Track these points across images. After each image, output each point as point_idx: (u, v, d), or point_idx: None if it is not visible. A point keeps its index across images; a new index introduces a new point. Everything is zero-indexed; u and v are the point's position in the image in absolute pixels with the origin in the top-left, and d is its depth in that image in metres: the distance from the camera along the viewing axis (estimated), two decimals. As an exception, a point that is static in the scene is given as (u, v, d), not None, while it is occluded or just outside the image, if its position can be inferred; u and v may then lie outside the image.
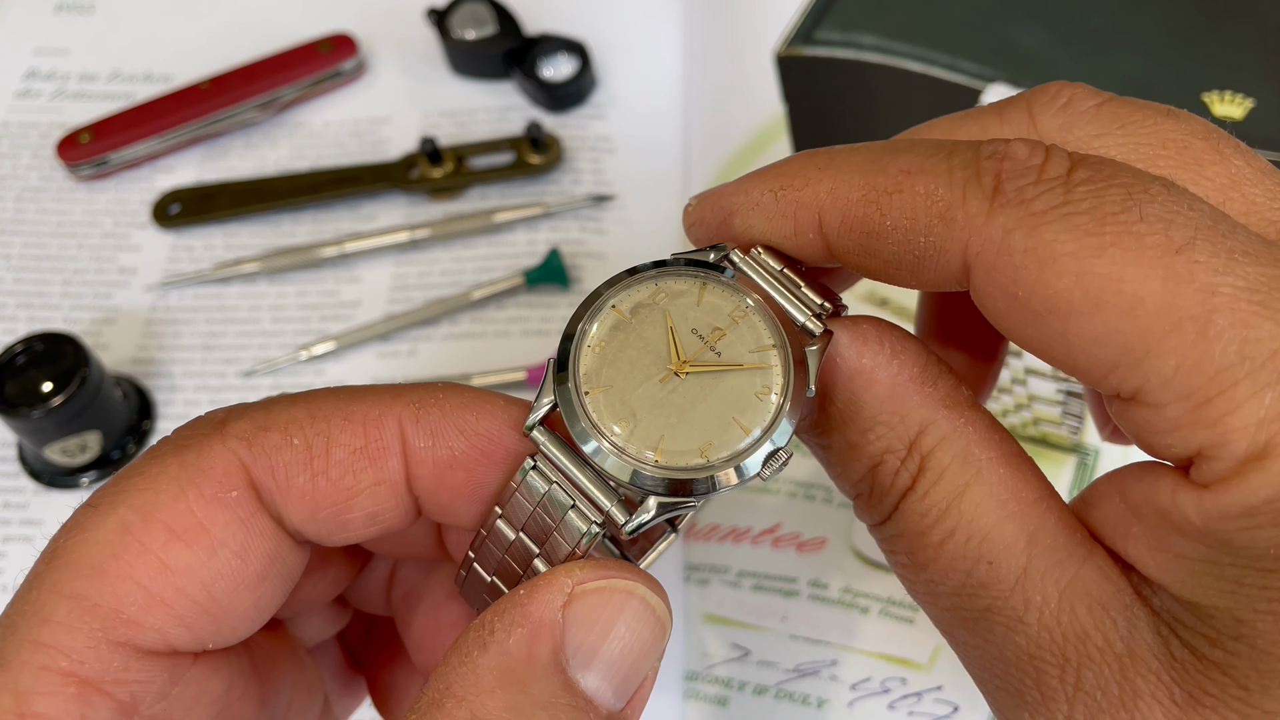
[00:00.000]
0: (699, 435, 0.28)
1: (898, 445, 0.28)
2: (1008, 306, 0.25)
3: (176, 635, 0.27)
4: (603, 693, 0.26)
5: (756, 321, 0.29)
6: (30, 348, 0.55)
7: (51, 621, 0.26)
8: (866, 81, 0.70)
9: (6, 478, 0.60)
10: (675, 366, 0.29)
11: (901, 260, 0.27)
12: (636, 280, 0.30)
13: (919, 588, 0.28)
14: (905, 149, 0.28)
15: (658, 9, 0.76)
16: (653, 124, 0.71)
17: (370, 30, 0.76)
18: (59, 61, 0.76)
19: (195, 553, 0.27)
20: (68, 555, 0.27)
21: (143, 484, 0.28)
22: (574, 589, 0.27)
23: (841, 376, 0.28)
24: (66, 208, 0.70)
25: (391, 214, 0.69)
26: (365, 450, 0.29)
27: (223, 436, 0.29)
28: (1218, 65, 0.68)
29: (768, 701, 0.51)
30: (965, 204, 0.26)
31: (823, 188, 0.29)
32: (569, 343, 0.29)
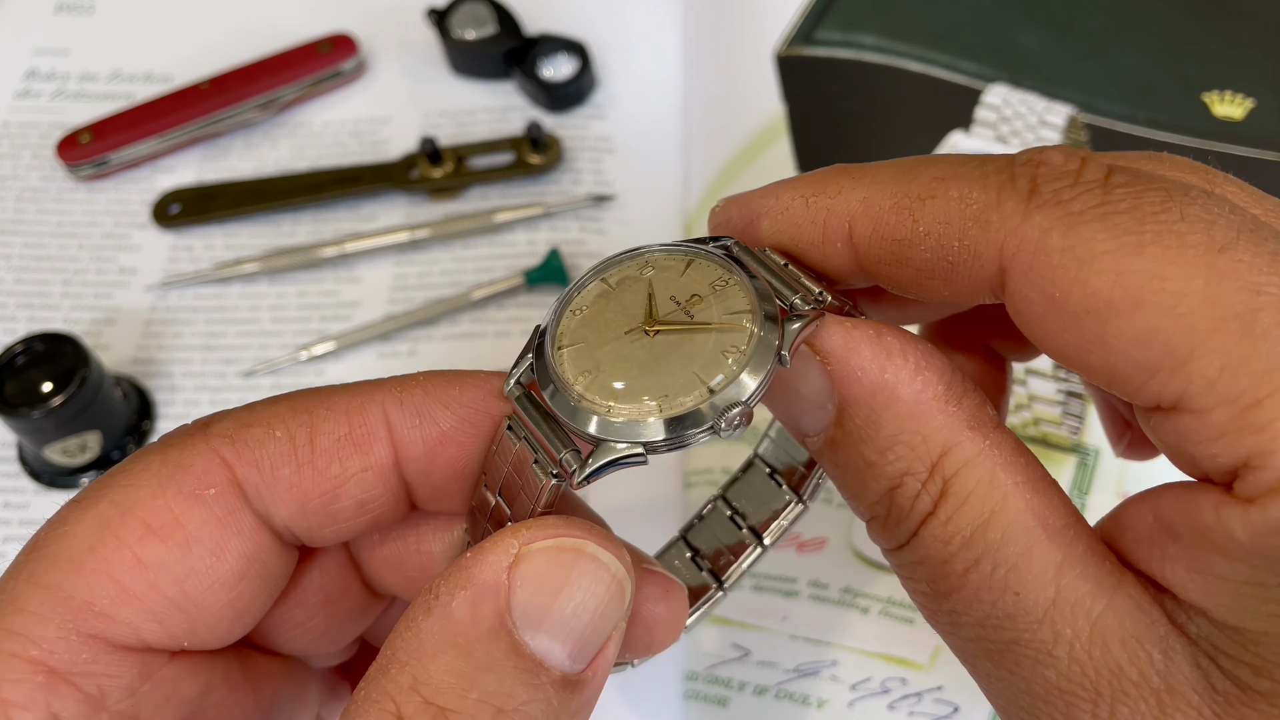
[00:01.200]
0: (657, 387, 0.28)
1: (919, 467, 0.26)
2: (1044, 309, 0.25)
3: (149, 631, 0.28)
4: (554, 654, 0.26)
5: (736, 290, 0.29)
6: (30, 348, 0.55)
7: (25, 611, 0.26)
8: (866, 81, 0.70)
9: (6, 478, 0.60)
10: (645, 324, 0.29)
11: (934, 267, 0.27)
12: (628, 258, 0.31)
13: (940, 617, 0.27)
14: (938, 160, 0.28)
15: (658, 9, 0.76)
16: (653, 124, 0.71)
17: (370, 30, 0.76)
18: (59, 61, 0.76)
19: (170, 549, 0.28)
20: (46, 548, 0.27)
21: (124, 480, 0.28)
22: (521, 549, 0.26)
23: (861, 390, 0.27)
24: (66, 208, 0.70)
25: (391, 214, 0.69)
26: (350, 437, 0.29)
27: (206, 435, 0.29)
28: (1218, 65, 0.68)
29: (768, 701, 0.51)
30: (1000, 206, 0.25)
31: (855, 196, 0.28)
32: (554, 311, 0.30)
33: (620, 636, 0.28)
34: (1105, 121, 0.66)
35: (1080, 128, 0.66)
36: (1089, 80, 0.68)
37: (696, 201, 0.68)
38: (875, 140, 0.68)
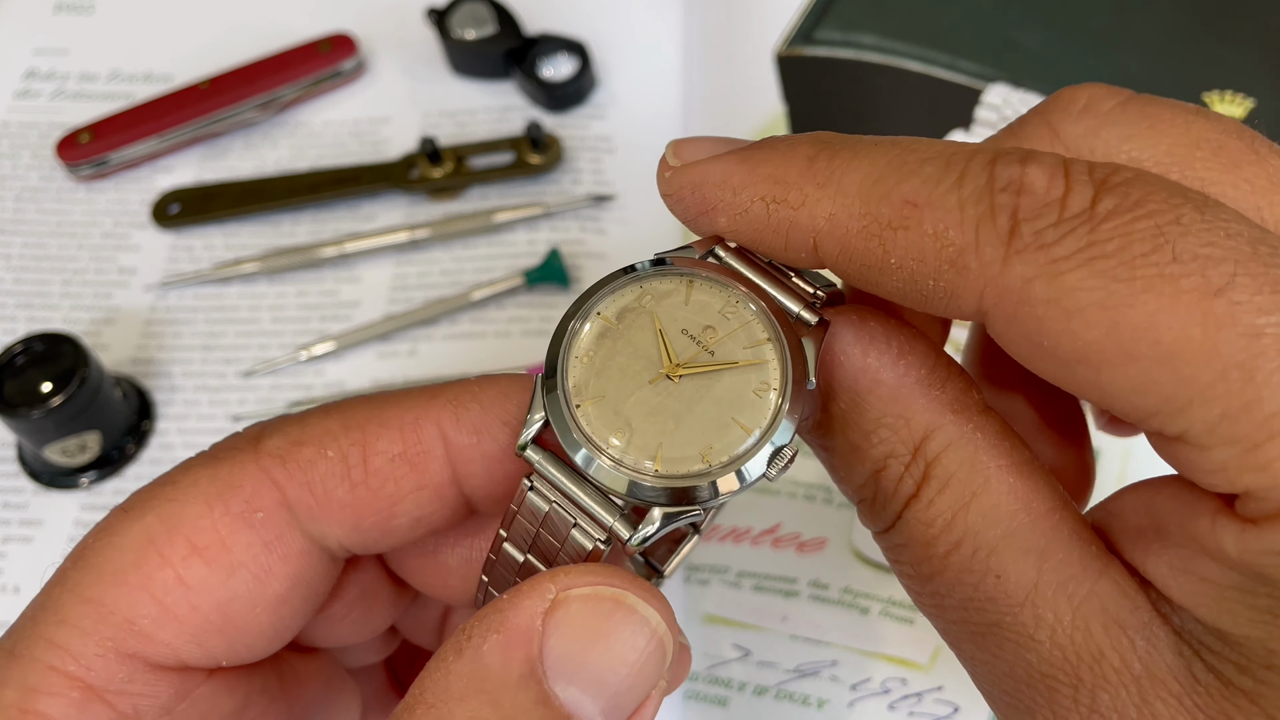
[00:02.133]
0: (698, 440, 0.27)
1: (901, 450, 0.26)
2: (1031, 353, 0.24)
3: (188, 652, 0.27)
4: (585, 708, 0.25)
5: (748, 316, 0.28)
6: (30, 348, 0.55)
7: (67, 623, 0.26)
8: (866, 81, 0.70)
9: (6, 478, 0.60)
10: (668, 370, 0.27)
11: (907, 295, 0.26)
12: (620, 285, 0.29)
13: (924, 599, 0.27)
14: (913, 168, 0.25)
15: (658, 9, 0.76)
16: (653, 124, 0.71)
17: (370, 30, 0.76)
18: (59, 61, 0.76)
19: (213, 571, 0.27)
20: (93, 557, 0.27)
21: (173, 494, 0.28)
22: (558, 595, 0.25)
23: (845, 375, 0.27)
24: (66, 208, 0.70)
25: (391, 214, 0.69)
26: (405, 456, 0.28)
27: (256, 454, 0.28)
28: (1218, 65, 0.68)
29: (768, 702, 0.51)
30: (979, 250, 0.24)
31: (820, 211, 0.26)
32: (555, 355, 0.28)
33: (660, 697, 0.26)
34: (1105, 121, 0.66)
35: (1080, 128, 0.66)
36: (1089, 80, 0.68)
37: (696, 201, 0.68)
38: (875, 140, 0.68)
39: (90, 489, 0.59)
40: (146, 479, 0.59)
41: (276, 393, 0.62)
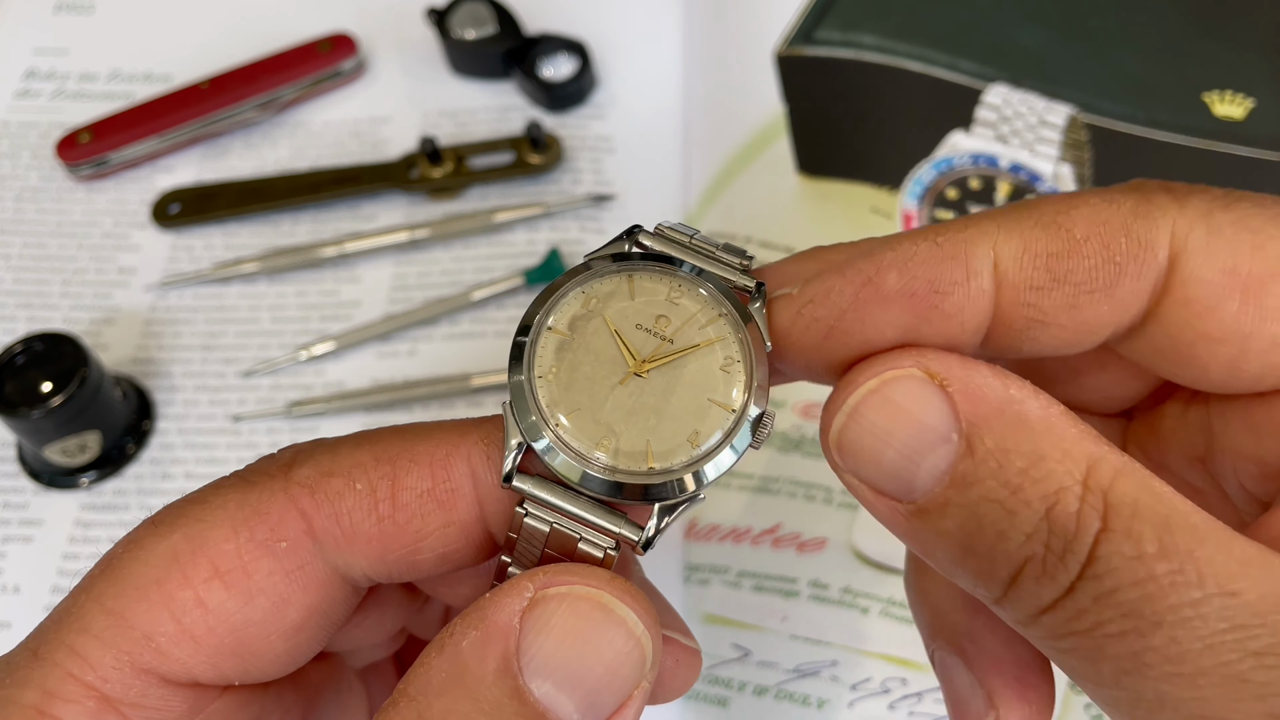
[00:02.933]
0: (682, 428, 0.27)
1: (1070, 481, 0.23)
2: (1223, 289, 0.24)
3: (201, 671, 0.27)
4: (560, 705, 0.25)
5: (694, 293, 0.29)
6: (30, 348, 0.55)
7: (88, 632, 0.26)
8: (866, 81, 0.70)
9: (6, 478, 0.60)
10: (635, 368, 0.28)
11: (1098, 274, 0.25)
12: (561, 294, 0.29)
13: (1151, 659, 0.22)
14: (1043, 197, 0.28)
15: (658, 9, 0.76)
16: (653, 124, 0.71)
17: (370, 30, 0.76)
18: (58, 61, 0.76)
19: (232, 595, 0.27)
20: (119, 569, 0.27)
21: (201, 514, 0.28)
22: (536, 593, 0.26)
23: (989, 410, 0.24)
24: (66, 208, 0.70)
25: (391, 214, 0.69)
26: (433, 493, 0.28)
27: (286, 481, 0.28)
28: (1218, 65, 0.68)
29: (768, 702, 0.51)
30: (1151, 200, 0.25)
31: (987, 225, 0.26)
32: (519, 378, 0.28)
33: (643, 699, 0.27)
34: (1105, 121, 0.66)
35: (1080, 128, 0.66)
36: (1089, 80, 0.68)
37: (696, 201, 0.68)
38: (875, 140, 0.68)
39: (90, 489, 0.59)
40: (146, 478, 0.60)
41: (276, 393, 0.62)
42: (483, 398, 0.61)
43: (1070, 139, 0.66)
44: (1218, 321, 0.25)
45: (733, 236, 0.65)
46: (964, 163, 0.66)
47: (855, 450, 0.26)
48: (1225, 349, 0.26)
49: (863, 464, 0.26)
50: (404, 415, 0.61)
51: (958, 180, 0.66)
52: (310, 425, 0.61)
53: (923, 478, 0.25)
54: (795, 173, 0.68)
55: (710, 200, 0.67)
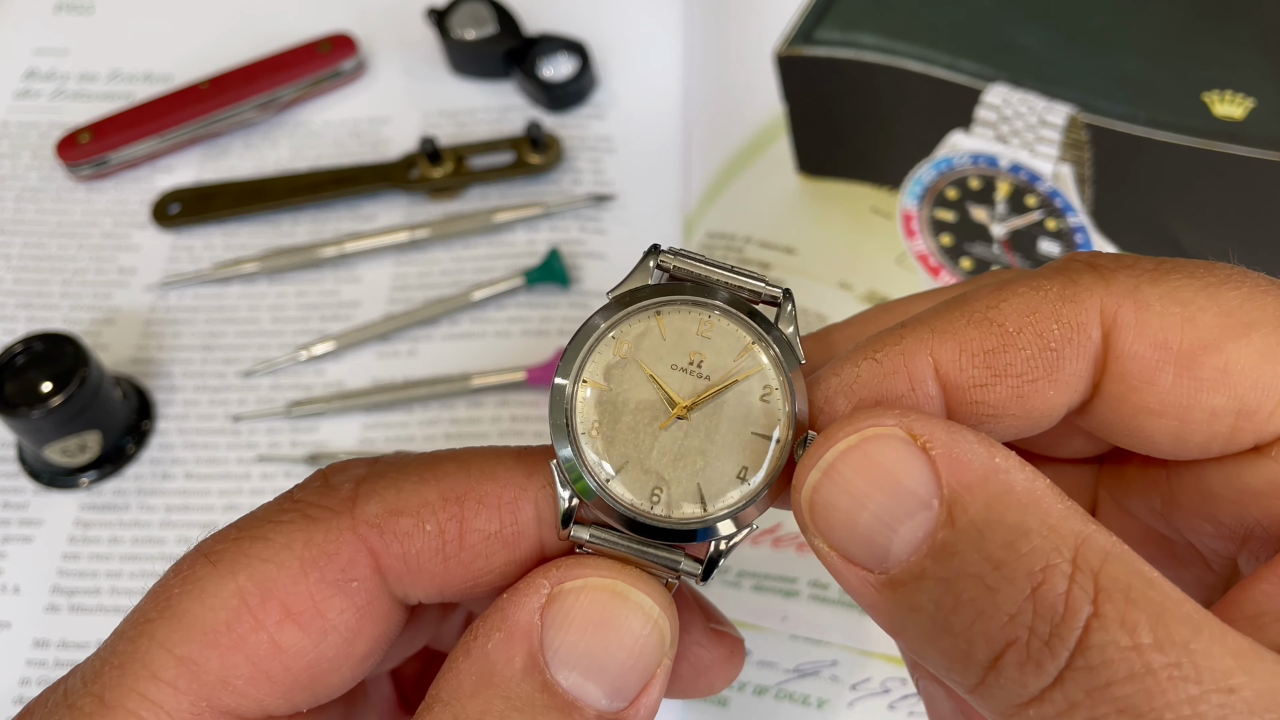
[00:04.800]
0: (730, 465, 0.28)
1: (1058, 559, 0.22)
2: (1157, 362, 0.25)
3: (275, 706, 0.28)
4: (589, 692, 0.26)
5: (724, 325, 0.29)
6: (30, 348, 0.55)
7: (159, 680, 0.26)
8: (866, 81, 0.70)
9: (6, 478, 0.60)
10: (677, 412, 0.28)
11: (1036, 362, 0.26)
12: (593, 342, 0.29)
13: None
14: (968, 288, 0.28)
15: (658, 9, 0.76)
16: (653, 124, 0.71)
17: (370, 30, 0.76)
18: (58, 61, 0.76)
19: (307, 635, 0.27)
20: (181, 613, 0.27)
21: (266, 553, 0.28)
22: (553, 589, 0.27)
23: (974, 477, 0.23)
24: (66, 208, 0.70)
25: (391, 214, 0.69)
26: (500, 535, 0.29)
27: (353, 520, 0.28)
28: (1218, 65, 0.68)
29: (768, 702, 0.51)
30: (1077, 281, 0.26)
31: (920, 334, 0.27)
32: (565, 437, 0.28)
33: (665, 676, 0.27)
34: (1105, 121, 0.66)
35: (1080, 127, 0.66)
36: (1089, 80, 0.68)
37: (696, 200, 0.68)
38: (875, 140, 0.68)
39: (90, 489, 0.59)
40: (146, 478, 0.60)
41: (276, 392, 0.62)
42: (483, 398, 0.61)
43: (1070, 139, 0.66)
44: (1155, 395, 0.25)
45: (733, 236, 0.65)
46: (964, 163, 0.66)
47: (828, 510, 0.25)
48: (1166, 421, 0.26)
49: (835, 526, 0.25)
50: (404, 415, 0.61)
51: (958, 180, 0.66)
52: (310, 425, 0.61)
53: (898, 545, 0.24)
54: (795, 173, 0.68)
55: (710, 200, 0.67)
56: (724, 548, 0.28)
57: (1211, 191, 0.64)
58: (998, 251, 0.63)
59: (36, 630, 0.55)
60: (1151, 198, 0.64)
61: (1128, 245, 0.63)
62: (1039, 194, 0.65)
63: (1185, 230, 0.63)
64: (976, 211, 0.65)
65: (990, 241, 0.64)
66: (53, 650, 0.54)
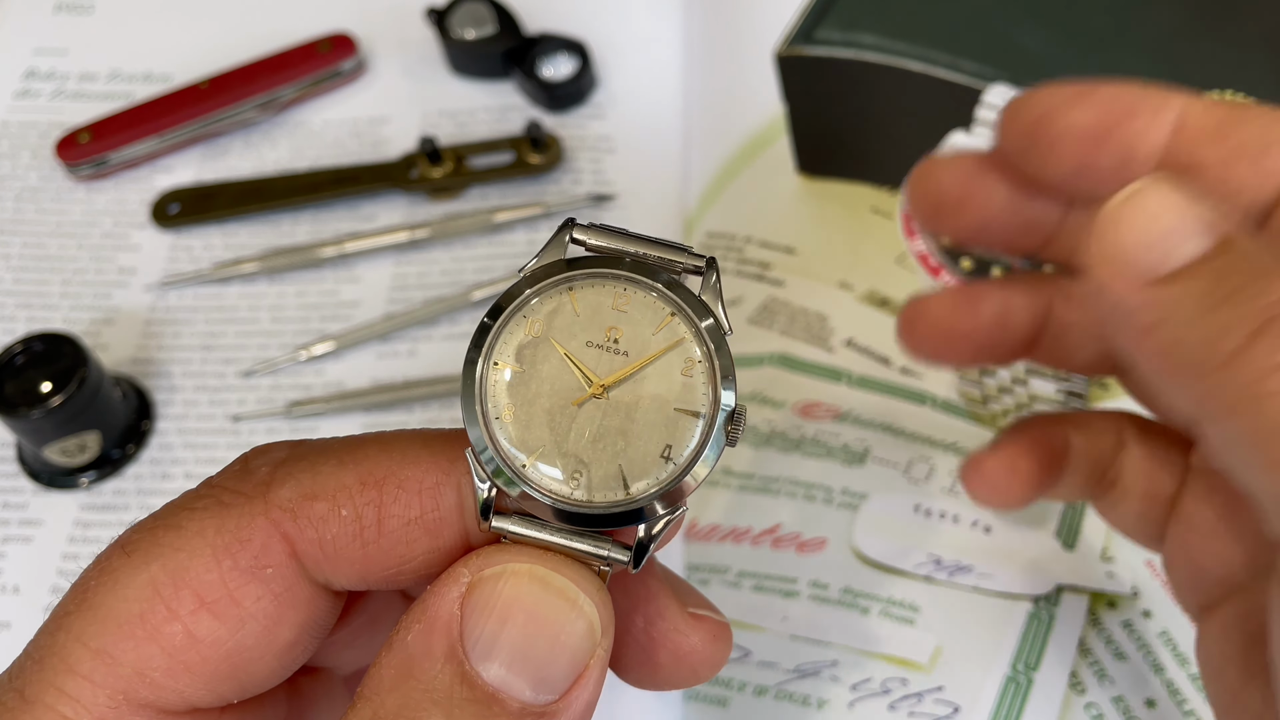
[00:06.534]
0: (654, 445, 0.27)
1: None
2: None
3: (198, 698, 0.27)
4: (512, 684, 0.25)
5: (641, 298, 0.28)
6: (29, 348, 0.55)
7: (75, 673, 0.26)
8: (866, 81, 0.70)
9: (5, 478, 0.60)
10: (593, 391, 0.27)
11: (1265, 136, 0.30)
12: (504, 323, 0.28)
13: None
14: None
15: (658, 9, 0.76)
16: (653, 124, 0.71)
17: (370, 30, 0.76)
18: (58, 61, 0.76)
19: (223, 624, 0.27)
20: (96, 605, 0.27)
21: (178, 541, 0.27)
22: (472, 578, 0.26)
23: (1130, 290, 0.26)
24: (66, 208, 0.70)
25: (391, 214, 0.69)
26: (420, 521, 0.28)
27: (266, 505, 0.28)
28: (1218, 65, 0.68)
29: (768, 702, 0.51)
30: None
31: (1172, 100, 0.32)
32: (476, 422, 0.27)
33: (601, 668, 0.26)
34: (1105, 121, 0.66)
35: (1080, 127, 0.66)
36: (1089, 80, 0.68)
37: (696, 200, 0.68)
38: (875, 140, 0.68)
39: (90, 489, 0.59)
40: (146, 479, 0.60)
41: (276, 393, 0.62)
42: (483, 398, 0.61)
43: (1070, 139, 0.66)
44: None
45: (732, 236, 0.65)
46: (964, 163, 0.66)
47: (1127, 223, 0.27)
48: None
49: (1133, 230, 0.26)
50: (404, 415, 0.61)
51: (958, 180, 0.66)
52: (310, 425, 0.61)
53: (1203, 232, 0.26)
54: (795, 173, 0.68)
55: (710, 200, 0.67)
56: (654, 532, 0.27)
57: (1212, 191, 0.64)
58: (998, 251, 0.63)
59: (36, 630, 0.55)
60: (1152, 198, 0.64)
61: (1128, 245, 0.63)
62: (1039, 194, 0.65)
63: (1185, 230, 0.63)
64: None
65: (990, 241, 0.64)
66: (52, 650, 0.54)
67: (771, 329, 0.61)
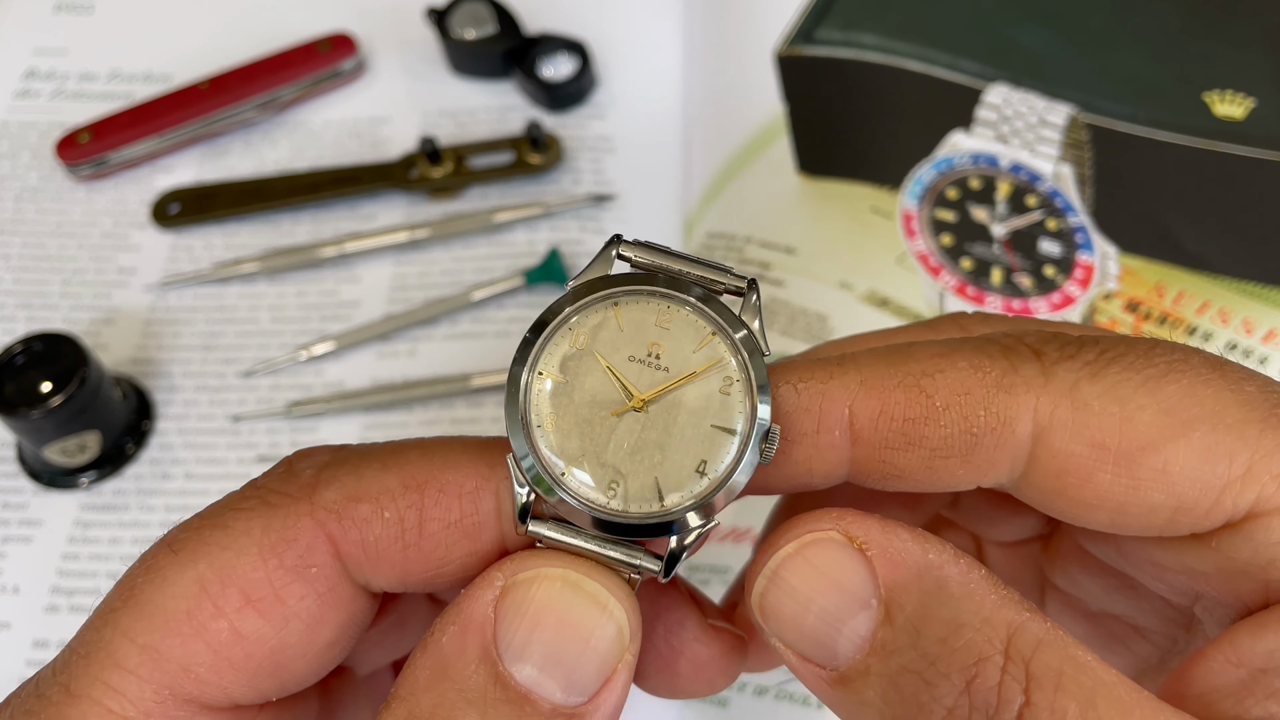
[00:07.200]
0: (689, 459, 0.27)
1: (991, 651, 0.23)
2: (1094, 461, 0.25)
3: (241, 694, 0.28)
4: (544, 685, 0.25)
5: (683, 316, 0.28)
6: (29, 348, 0.55)
7: (122, 668, 0.26)
8: (866, 81, 0.70)
9: (6, 478, 0.60)
10: (634, 404, 0.28)
11: (954, 443, 0.26)
12: (549, 333, 0.28)
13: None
14: (919, 340, 0.28)
15: (658, 9, 0.76)
16: (653, 124, 0.71)
17: (370, 30, 0.76)
18: (58, 61, 0.76)
19: (268, 622, 0.27)
20: (144, 601, 0.27)
21: (225, 540, 0.28)
22: (507, 582, 0.26)
23: (908, 575, 0.24)
24: (66, 208, 0.70)
25: (391, 214, 0.69)
26: (460, 524, 0.28)
27: (311, 506, 0.28)
28: (1218, 65, 0.68)
29: (768, 702, 0.51)
30: (1018, 370, 0.25)
31: (850, 379, 0.27)
32: (519, 430, 0.28)
33: (628, 672, 0.27)
34: (1106, 121, 0.66)
35: (1080, 127, 0.66)
36: (1089, 80, 0.68)
37: (696, 200, 0.68)
38: (875, 140, 0.68)
39: (90, 489, 0.59)
40: (146, 479, 0.60)
41: (276, 393, 0.62)
42: (483, 398, 0.61)
43: (1070, 139, 0.66)
44: (1092, 491, 0.25)
45: (733, 237, 0.65)
46: (964, 162, 0.66)
47: (777, 614, 0.26)
48: (1102, 514, 0.26)
49: (785, 629, 0.26)
50: (404, 415, 0.61)
51: (958, 180, 0.66)
52: (310, 425, 0.61)
53: (844, 644, 0.25)
54: (795, 173, 0.68)
55: (710, 200, 0.67)
56: (686, 543, 0.27)
57: (1211, 191, 0.64)
58: (998, 251, 0.63)
59: (36, 630, 0.55)
60: (1151, 198, 0.64)
61: (1128, 245, 0.63)
62: (1039, 194, 0.65)
63: (1185, 230, 0.63)
64: (977, 211, 0.65)
65: (990, 241, 0.64)
66: (53, 650, 0.54)
67: (772, 329, 0.61)
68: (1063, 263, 0.63)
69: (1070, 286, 0.62)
